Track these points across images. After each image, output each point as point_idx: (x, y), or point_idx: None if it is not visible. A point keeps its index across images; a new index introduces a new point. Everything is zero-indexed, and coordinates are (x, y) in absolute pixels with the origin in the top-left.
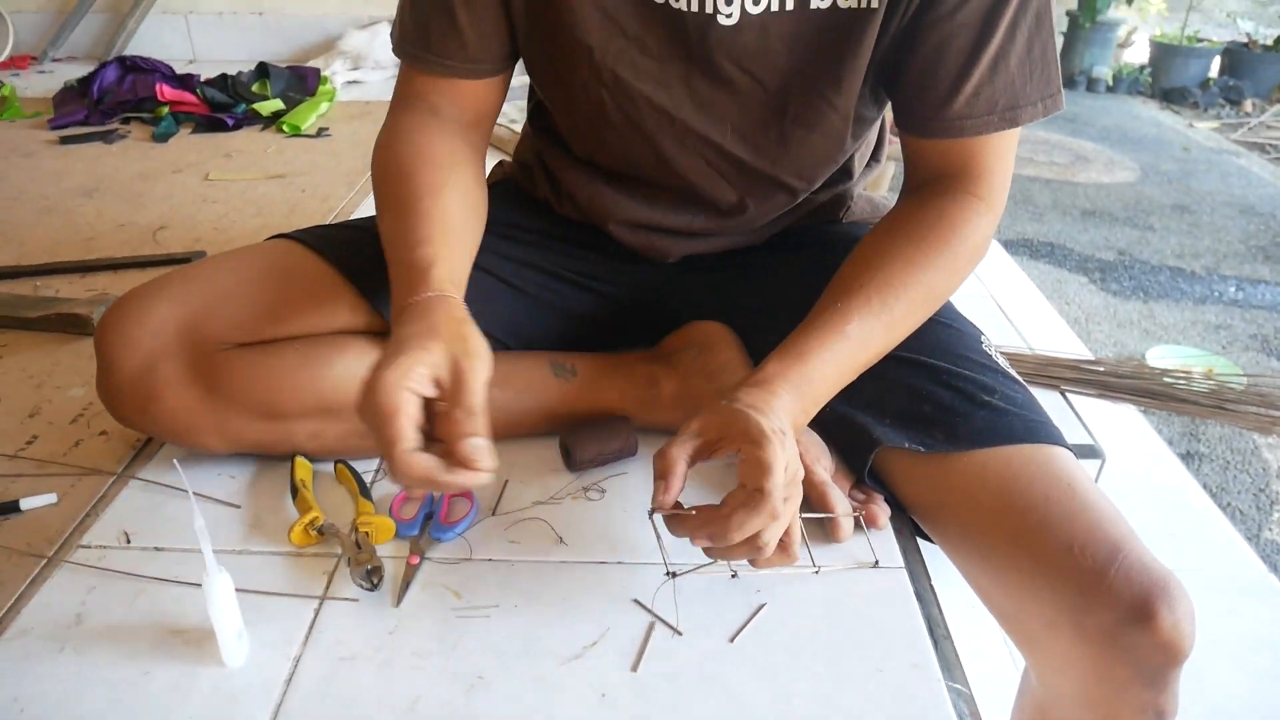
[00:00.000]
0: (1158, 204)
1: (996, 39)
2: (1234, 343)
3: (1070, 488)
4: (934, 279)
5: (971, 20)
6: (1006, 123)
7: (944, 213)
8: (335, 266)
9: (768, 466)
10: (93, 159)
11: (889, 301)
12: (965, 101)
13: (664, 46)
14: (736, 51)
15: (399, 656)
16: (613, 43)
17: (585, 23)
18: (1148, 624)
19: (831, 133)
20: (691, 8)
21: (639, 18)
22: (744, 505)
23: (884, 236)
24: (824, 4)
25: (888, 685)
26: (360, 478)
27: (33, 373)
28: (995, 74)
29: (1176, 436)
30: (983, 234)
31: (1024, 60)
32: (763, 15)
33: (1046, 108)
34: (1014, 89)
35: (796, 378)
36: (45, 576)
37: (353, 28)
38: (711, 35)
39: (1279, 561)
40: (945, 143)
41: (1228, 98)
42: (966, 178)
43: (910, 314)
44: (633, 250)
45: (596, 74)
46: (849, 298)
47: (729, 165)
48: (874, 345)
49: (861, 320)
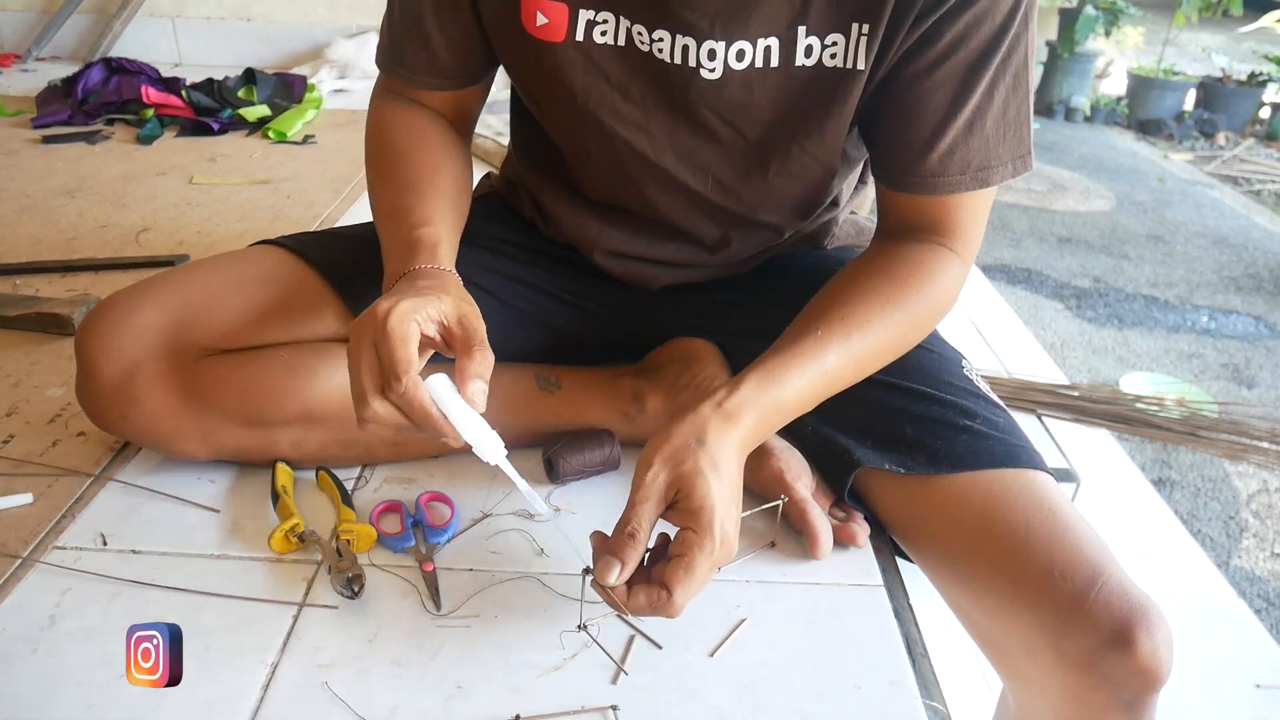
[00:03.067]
0: (1133, 233)
1: (974, 99)
2: (1206, 371)
3: (1051, 512)
4: (907, 321)
5: (951, 78)
6: (978, 183)
7: (923, 259)
8: (321, 274)
9: (690, 569)
10: (75, 159)
11: (866, 340)
12: (939, 159)
13: (647, 95)
14: (719, 105)
15: (378, 665)
16: (596, 88)
17: (568, 66)
18: (1126, 649)
19: (814, 181)
20: (675, 60)
21: (623, 65)
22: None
23: (864, 273)
24: (809, 62)
25: (865, 702)
26: (342, 485)
27: (10, 371)
28: (971, 134)
29: (1149, 462)
30: (956, 284)
31: (999, 121)
32: (746, 71)
33: (1016, 168)
34: (987, 150)
35: (770, 406)
36: (19, 577)
37: (341, 36)
38: (694, 88)
39: (1248, 588)
40: (919, 198)
41: (1202, 130)
42: (940, 232)
43: (879, 354)
44: (618, 279)
45: (579, 117)
46: (829, 328)
47: (711, 209)
48: (843, 380)
49: (839, 354)
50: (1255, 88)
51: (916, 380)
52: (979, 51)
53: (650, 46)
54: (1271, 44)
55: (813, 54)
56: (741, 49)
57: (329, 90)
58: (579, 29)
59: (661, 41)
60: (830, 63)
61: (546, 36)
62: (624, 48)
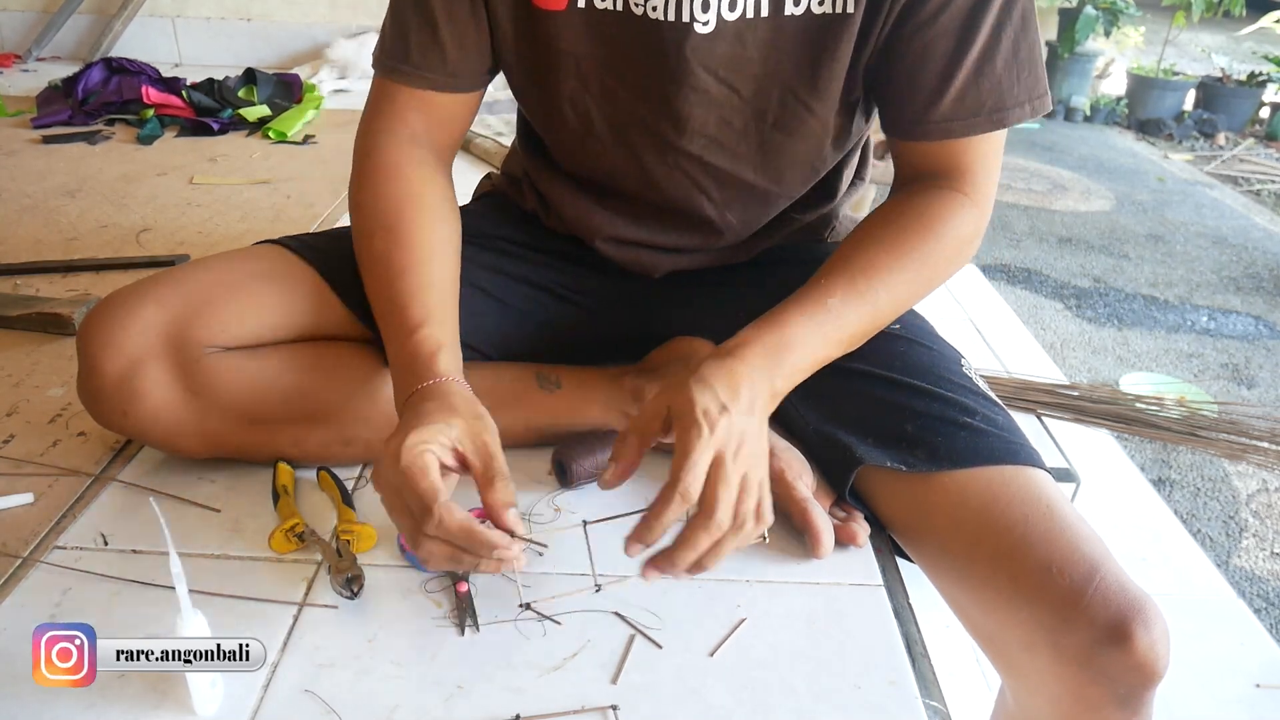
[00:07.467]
0: (1132, 233)
1: (980, 41)
2: (1205, 371)
3: (1049, 509)
4: (918, 267)
5: (954, 25)
6: (994, 124)
7: (930, 204)
8: (321, 274)
9: (686, 453)
10: (76, 159)
11: (873, 283)
12: (951, 104)
13: (644, 59)
14: (712, 61)
15: (378, 665)
16: (597, 53)
17: (570, 33)
18: (1123, 645)
19: (811, 138)
20: (669, 17)
21: (622, 29)
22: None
23: (869, 226)
24: (798, 10)
25: (865, 702)
26: (342, 485)
27: (10, 371)
28: (981, 76)
29: (1149, 462)
30: (970, 228)
31: (1010, 62)
32: (738, 22)
33: (1034, 108)
34: (1000, 90)
35: (773, 343)
36: (20, 577)
37: (341, 37)
38: (688, 44)
39: (1248, 587)
40: (932, 144)
41: (1202, 130)
42: (953, 176)
43: (893, 300)
44: (619, 266)
45: (584, 84)
46: (831, 276)
47: (710, 176)
48: (855, 325)
49: (844, 297)
50: (1255, 88)
51: (916, 377)
52: None
53: (644, 6)
54: (1271, 44)
55: (801, 2)
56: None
57: (329, 90)
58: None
59: None
60: (819, 9)
61: (548, 5)
62: (621, 12)
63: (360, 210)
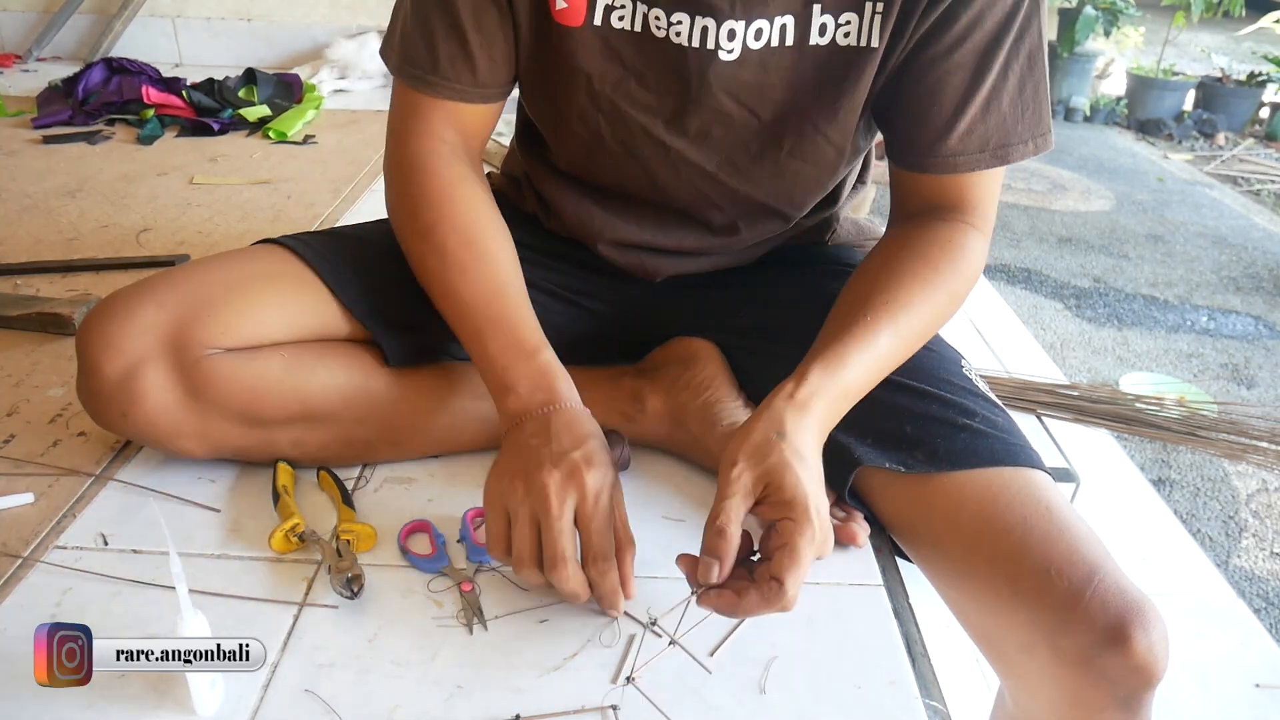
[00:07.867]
0: (1132, 233)
1: (990, 79)
2: (1205, 371)
3: (1048, 510)
4: (945, 299)
5: (967, 61)
6: (997, 160)
7: (951, 238)
8: (321, 274)
9: (797, 558)
10: (76, 159)
11: (911, 320)
12: (959, 139)
13: (662, 80)
14: (735, 86)
15: (378, 665)
16: (611, 72)
17: (585, 50)
18: (1122, 647)
19: (825, 164)
20: (694, 43)
21: (639, 50)
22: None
23: (899, 257)
24: (823, 41)
25: (865, 702)
26: (343, 485)
27: (10, 371)
28: (988, 114)
29: (1148, 462)
30: (981, 258)
31: (1016, 100)
32: (762, 51)
33: (1037, 146)
34: (1005, 128)
35: (835, 393)
36: (20, 577)
37: (341, 37)
38: (711, 70)
39: (1247, 588)
40: (938, 177)
41: (1201, 131)
42: (961, 209)
43: (921, 332)
44: (621, 269)
45: (594, 101)
46: (876, 313)
47: (722, 193)
48: (893, 362)
49: (889, 337)
50: (1255, 88)
51: (917, 378)
52: (993, 33)
53: (667, 30)
54: (1271, 44)
55: (826, 33)
56: (760, 28)
57: (329, 90)
58: (597, 13)
59: (680, 24)
60: (844, 41)
61: (565, 21)
62: (639, 33)
63: (431, 231)
